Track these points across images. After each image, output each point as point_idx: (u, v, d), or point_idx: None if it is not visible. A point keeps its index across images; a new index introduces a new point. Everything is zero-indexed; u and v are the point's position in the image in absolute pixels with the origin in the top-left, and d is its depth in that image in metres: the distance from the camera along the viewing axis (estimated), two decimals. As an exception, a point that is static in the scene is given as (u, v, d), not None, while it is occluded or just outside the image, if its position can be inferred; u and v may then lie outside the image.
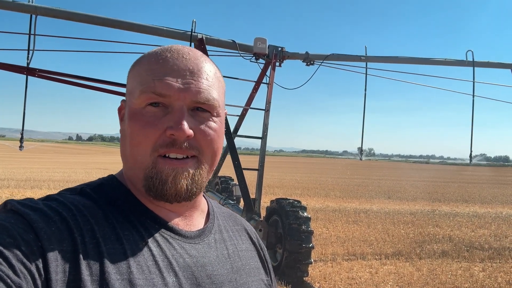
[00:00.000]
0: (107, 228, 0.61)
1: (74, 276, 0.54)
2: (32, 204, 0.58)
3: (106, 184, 0.70)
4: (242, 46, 6.05)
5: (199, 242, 0.71)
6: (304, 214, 5.34)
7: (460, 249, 7.95)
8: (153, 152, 0.64)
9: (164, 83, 0.64)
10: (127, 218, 0.65)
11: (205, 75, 0.68)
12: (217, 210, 0.83)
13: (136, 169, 0.67)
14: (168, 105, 0.65)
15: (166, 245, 0.65)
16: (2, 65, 5.08)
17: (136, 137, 0.65)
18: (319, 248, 7.32)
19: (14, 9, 5.03)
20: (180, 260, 0.65)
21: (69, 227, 0.57)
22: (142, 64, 0.69)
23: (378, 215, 11.75)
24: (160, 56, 0.67)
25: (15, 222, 0.54)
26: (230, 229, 0.81)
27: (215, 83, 0.70)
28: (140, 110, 0.65)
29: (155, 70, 0.66)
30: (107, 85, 5.32)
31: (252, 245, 0.84)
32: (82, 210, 0.61)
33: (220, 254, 0.72)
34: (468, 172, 55.51)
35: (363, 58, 6.84)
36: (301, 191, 17.52)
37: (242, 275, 0.73)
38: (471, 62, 6.91)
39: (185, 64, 0.67)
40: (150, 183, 0.65)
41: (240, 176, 5.56)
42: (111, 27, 5.51)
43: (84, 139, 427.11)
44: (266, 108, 5.96)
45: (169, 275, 0.62)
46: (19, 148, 5.49)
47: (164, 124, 0.64)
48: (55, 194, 0.65)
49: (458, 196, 18.60)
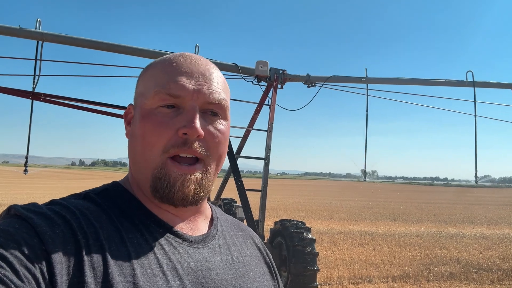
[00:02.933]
0: (111, 231, 0.61)
1: (78, 278, 0.53)
2: (35, 208, 0.59)
3: (110, 189, 0.71)
4: (244, 69, 6.14)
5: (203, 246, 0.70)
6: (308, 236, 5.27)
7: (469, 271, 7.78)
8: (163, 153, 0.65)
9: (178, 85, 0.66)
10: (132, 222, 0.65)
11: (216, 79, 0.71)
12: (220, 216, 0.83)
13: (144, 170, 0.67)
14: (180, 106, 0.67)
15: (171, 248, 0.65)
16: (8, 90, 5.16)
17: (148, 137, 0.66)
18: (325, 271, 7.18)
19: (21, 35, 5.15)
20: (184, 264, 0.64)
21: (73, 230, 0.57)
22: (156, 68, 0.71)
23: (383, 238, 11.58)
24: (174, 61, 0.70)
25: (19, 227, 0.54)
26: (234, 235, 0.81)
27: (224, 88, 0.73)
28: (152, 110, 0.67)
29: (170, 72, 0.68)
30: (111, 108, 5.37)
31: (257, 251, 0.83)
32: (86, 214, 0.61)
33: (224, 259, 0.72)
34: (473, 193, 54.95)
35: (363, 80, 6.90)
36: (305, 213, 17.36)
37: (247, 281, 0.73)
38: (472, 82, 6.95)
39: (198, 68, 0.69)
40: (157, 184, 0.66)
41: (243, 197, 5.52)
42: (115, 52, 5.62)
43: (87, 164, 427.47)
44: (268, 129, 5.99)
45: (173, 278, 0.61)
46: (23, 172, 5.50)
47: (176, 124, 0.65)
48: (59, 199, 0.66)
49: (464, 218, 18.34)
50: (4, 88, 5.06)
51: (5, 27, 5.07)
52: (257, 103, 6.55)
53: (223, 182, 7.34)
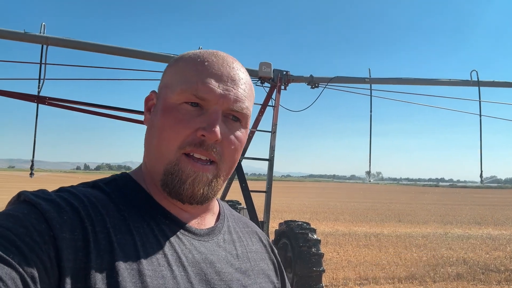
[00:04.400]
0: (118, 220, 0.62)
1: (85, 264, 0.54)
2: (44, 195, 0.59)
3: (119, 180, 0.71)
4: (248, 70, 6.08)
5: (208, 240, 0.71)
6: (313, 237, 5.26)
7: (475, 271, 7.73)
8: (179, 149, 0.65)
9: (207, 87, 0.65)
10: (139, 212, 0.66)
11: (244, 85, 0.70)
12: (227, 212, 0.83)
13: (158, 163, 0.67)
14: (204, 107, 0.66)
15: (176, 240, 0.66)
16: (14, 94, 5.20)
17: (167, 132, 0.66)
18: (330, 273, 7.15)
19: (26, 40, 5.20)
20: (189, 256, 0.65)
21: (80, 217, 0.58)
22: (186, 62, 0.69)
23: (389, 239, 11.53)
24: (206, 59, 0.69)
25: (28, 212, 0.55)
26: (240, 231, 0.81)
27: (250, 95, 0.72)
28: (176, 105, 0.66)
29: (200, 71, 0.67)
30: (117, 111, 5.39)
31: (263, 248, 0.83)
32: (94, 202, 0.62)
33: (229, 254, 0.72)
34: (479, 194, 54.57)
35: (367, 80, 6.88)
36: (310, 215, 17.32)
37: (251, 276, 0.73)
38: (476, 81, 6.91)
39: (228, 72, 0.68)
40: (168, 178, 0.66)
41: (247, 199, 5.51)
42: (119, 55, 5.65)
43: (92, 168, 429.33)
44: (272, 130, 5.98)
45: (178, 269, 0.62)
46: (29, 175, 5.53)
47: (197, 124, 0.65)
48: (68, 186, 0.66)
49: (471, 218, 18.23)
50: (9, 92, 5.10)
51: (11, 32, 5.12)
52: (261, 105, 6.55)
53: (227, 184, 7.33)
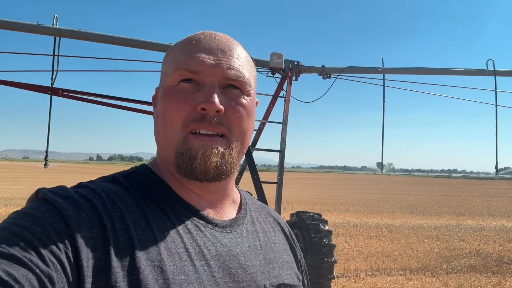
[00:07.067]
0: (138, 215, 0.61)
1: (104, 263, 0.53)
2: (62, 192, 0.58)
3: (138, 172, 0.70)
4: (259, 61, 6.11)
5: (231, 231, 0.69)
6: (325, 228, 5.25)
7: (489, 263, 7.65)
8: (184, 128, 0.65)
9: (196, 60, 0.66)
10: (159, 206, 0.65)
11: (236, 55, 0.69)
12: (249, 201, 0.82)
13: (168, 146, 0.67)
14: (200, 82, 0.66)
15: (198, 233, 0.64)
16: (28, 86, 5.26)
17: (169, 113, 0.66)
18: (341, 264, 7.16)
19: (39, 32, 5.24)
20: (211, 249, 0.64)
21: (99, 214, 0.57)
22: (176, 47, 0.71)
23: (401, 230, 11.46)
24: (193, 38, 0.69)
25: (46, 211, 0.54)
26: (263, 221, 0.80)
27: (246, 64, 0.70)
28: (173, 87, 0.67)
29: (188, 50, 0.68)
30: (129, 102, 5.42)
31: (284, 239, 0.82)
32: (113, 197, 0.61)
33: (252, 245, 0.71)
34: (493, 185, 53.81)
35: (380, 70, 6.78)
36: (321, 206, 17.30)
37: (275, 268, 0.72)
38: (492, 71, 6.76)
39: (217, 44, 0.68)
40: (180, 159, 0.65)
41: (258, 190, 5.53)
42: (131, 46, 5.67)
43: (104, 159, 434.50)
44: (283, 121, 5.96)
45: (200, 263, 0.61)
46: (44, 166, 5.62)
47: (196, 99, 0.65)
48: (87, 181, 0.66)
49: (484, 210, 18.00)
50: (24, 84, 5.16)
51: (24, 24, 5.17)
52: (272, 96, 6.52)
53: (238, 175, 7.36)
